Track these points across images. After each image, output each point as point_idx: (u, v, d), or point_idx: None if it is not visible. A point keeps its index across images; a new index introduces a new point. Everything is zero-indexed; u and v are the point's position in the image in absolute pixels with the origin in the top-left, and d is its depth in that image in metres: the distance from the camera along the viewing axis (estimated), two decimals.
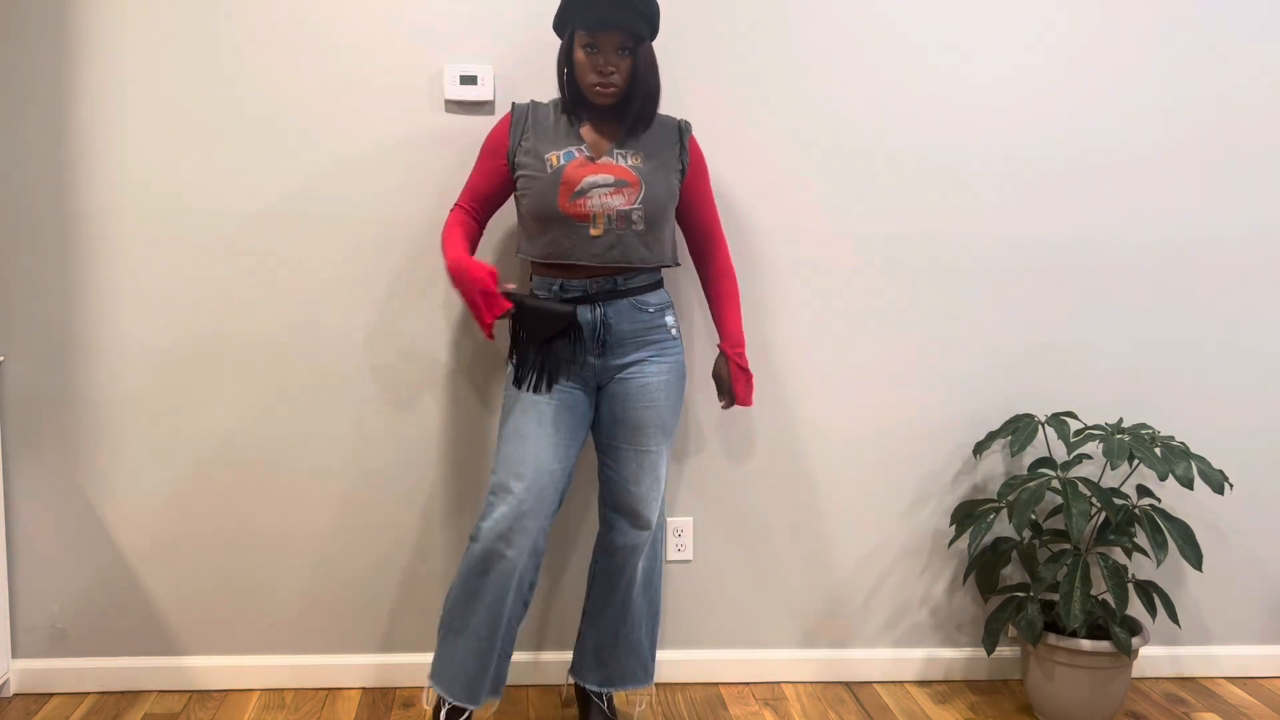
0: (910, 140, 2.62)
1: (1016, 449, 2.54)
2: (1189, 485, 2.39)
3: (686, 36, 2.54)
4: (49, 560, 2.57)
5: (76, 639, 2.60)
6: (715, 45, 2.55)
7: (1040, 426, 2.58)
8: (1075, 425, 2.70)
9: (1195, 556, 2.46)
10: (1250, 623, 2.83)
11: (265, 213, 2.51)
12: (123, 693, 2.60)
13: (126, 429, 2.54)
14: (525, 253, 2.27)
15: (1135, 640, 2.45)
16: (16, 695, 2.58)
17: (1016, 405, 2.71)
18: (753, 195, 2.60)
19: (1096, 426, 2.56)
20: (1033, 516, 2.50)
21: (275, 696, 2.61)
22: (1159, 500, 2.64)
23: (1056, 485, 2.50)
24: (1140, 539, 2.69)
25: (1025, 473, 2.63)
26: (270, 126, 2.49)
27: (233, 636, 2.63)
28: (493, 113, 2.51)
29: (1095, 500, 2.47)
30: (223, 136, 2.48)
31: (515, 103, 2.31)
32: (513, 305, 2.15)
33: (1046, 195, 2.66)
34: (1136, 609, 2.76)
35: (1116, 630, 2.42)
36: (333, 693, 2.63)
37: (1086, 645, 2.44)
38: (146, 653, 2.61)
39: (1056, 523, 2.70)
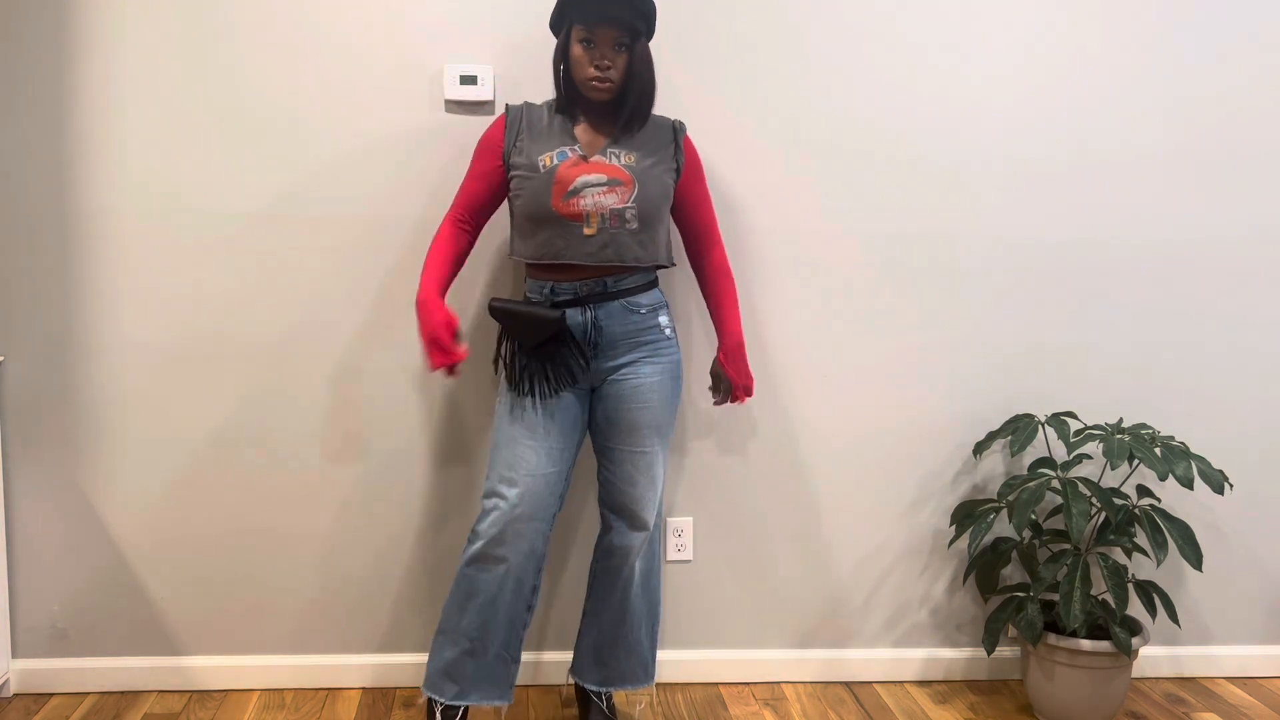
0: (910, 140, 2.62)
1: (1016, 449, 2.54)
2: (1189, 485, 2.39)
3: (685, 36, 2.54)
4: (49, 560, 2.57)
5: (76, 639, 2.60)
6: (715, 45, 2.55)
7: (1040, 426, 2.58)
8: (1075, 425, 2.70)
9: (1195, 556, 2.46)
10: (1250, 623, 2.83)
11: (265, 212, 2.51)
12: (123, 693, 2.61)
13: (126, 429, 2.54)
14: (519, 254, 2.27)
15: (1135, 640, 2.45)
16: (16, 695, 2.58)
17: (1016, 405, 2.71)
18: (753, 195, 2.60)
19: (1096, 426, 2.56)
20: (1033, 516, 2.50)
21: (275, 696, 2.61)
22: (1159, 500, 2.64)
23: (1056, 485, 2.50)
24: (1140, 539, 2.69)
25: (1025, 473, 2.63)
26: (270, 126, 2.49)
27: (233, 636, 2.63)
28: (493, 112, 2.51)
29: (1095, 500, 2.47)
30: (223, 136, 2.49)
31: (509, 104, 2.31)
32: (462, 358, 2.18)
33: (1046, 195, 2.66)
34: (1136, 609, 2.76)
35: (1116, 630, 2.42)
36: (333, 693, 2.63)
37: (1086, 645, 2.44)
38: (146, 653, 2.62)
39: (1056, 523, 2.70)
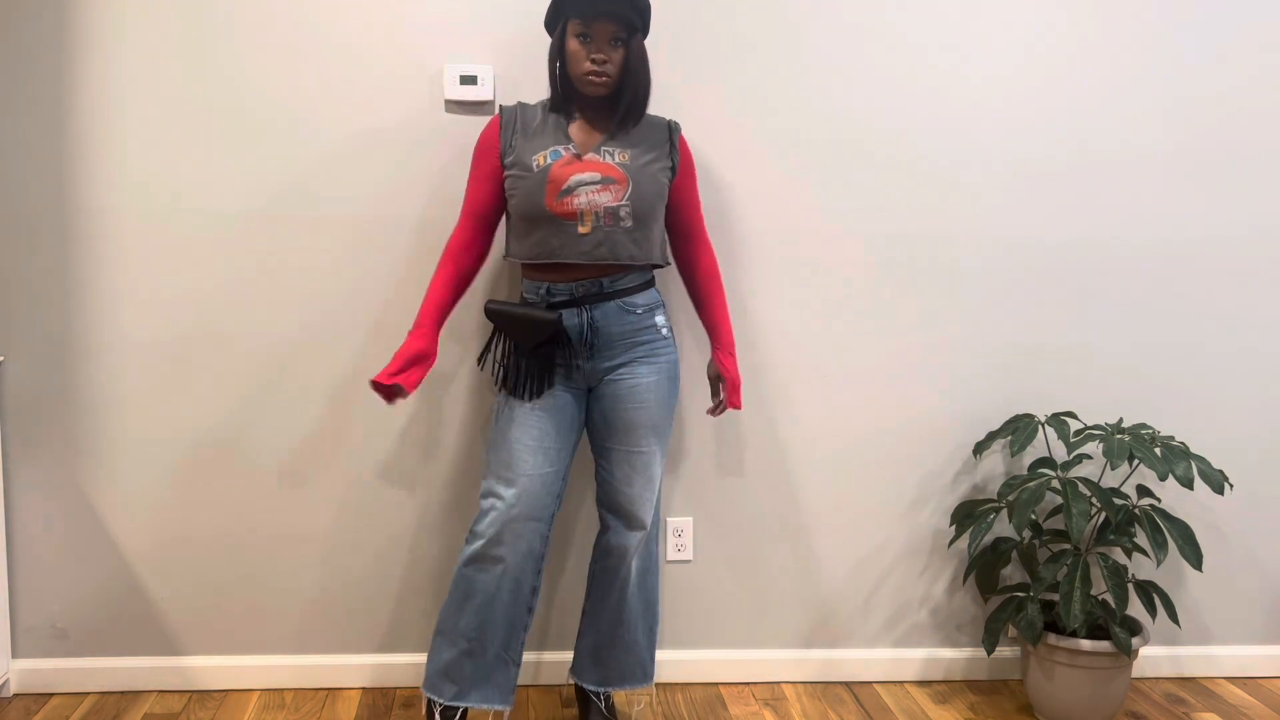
0: (910, 140, 2.62)
1: (1016, 449, 2.54)
2: (1189, 485, 2.39)
3: (685, 36, 2.54)
4: (49, 560, 2.57)
5: (76, 639, 2.60)
6: (714, 45, 2.55)
7: (1040, 426, 2.58)
8: (1075, 425, 2.70)
9: (1195, 556, 2.46)
10: (1250, 623, 2.83)
11: (266, 212, 2.51)
12: (123, 693, 2.61)
13: (126, 429, 2.54)
14: (514, 254, 2.27)
15: (1135, 640, 2.45)
16: (16, 695, 2.58)
17: (1016, 405, 2.71)
18: (752, 195, 2.60)
19: (1096, 426, 2.56)
20: (1033, 516, 2.50)
21: (275, 696, 2.61)
22: (1159, 500, 2.64)
23: (1056, 485, 2.50)
24: (1140, 539, 2.69)
25: (1025, 473, 2.63)
26: (270, 126, 2.49)
27: (233, 636, 2.63)
28: (493, 112, 2.51)
29: (1095, 500, 2.47)
30: (223, 136, 2.49)
31: (502, 105, 2.31)
32: (390, 397, 2.19)
33: (1046, 195, 2.66)
34: (1136, 609, 2.76)
35: (1116, 630, 2.42)
36: (333, 693, 2.63)
37: (1086, 645, 2.44)
38: (146, 653, 2.62)
39: (1056, 523, 2.70)
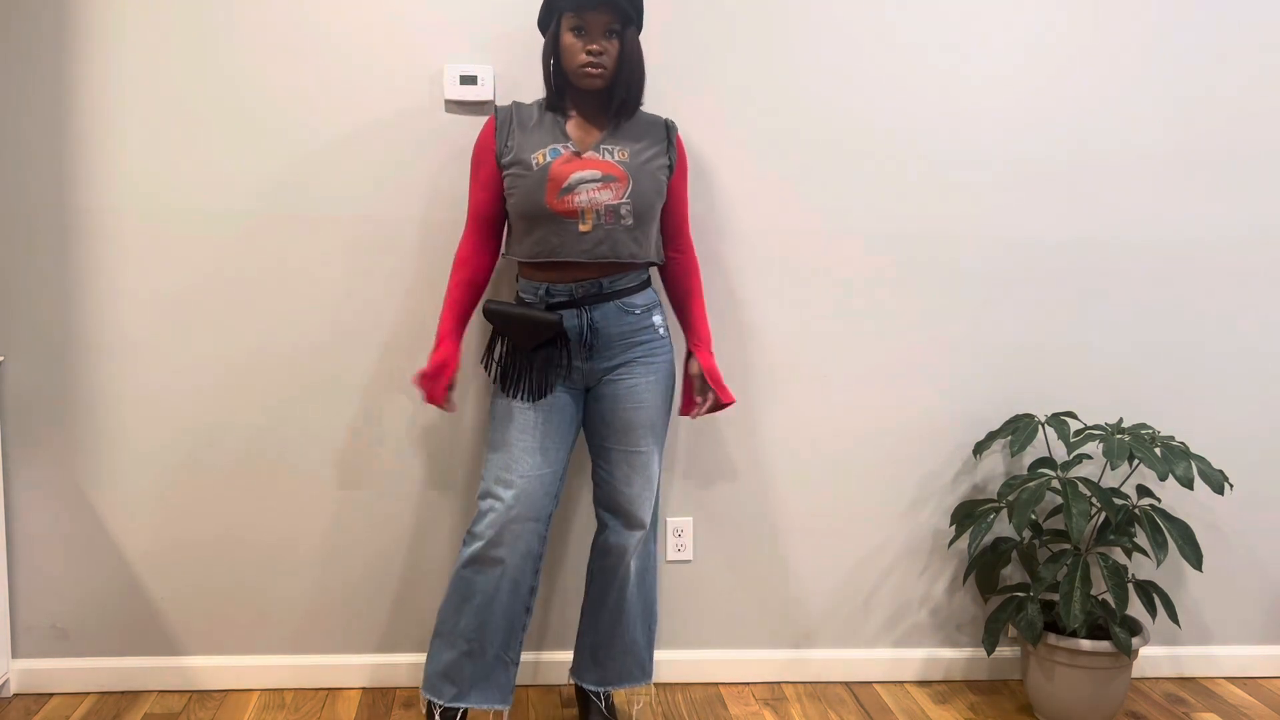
0: (910, 140, 2.62)
1: (1016, 449, 2.54)
2: (1189, 485, 2.39)
3: (683, 36, 2.54)
4: (49, 560, 2.57)
5: (76, 639, 2.60)
6: (712, 45, 2.55)
7: (1040, 426, 2.58)
8: (1075, 425, 2.70)
9: (1195, 556, 2.46)
10: (1250, 623, 2.83)
11: (266, 213, 2.51)
12: (123, 693, 2.60)
13: (126, 429, 2.54)
14: (513, 253, 2.27)
15: (1135, 640, 2.45)
16: (16, 695, 2.58)
17: (1016, 405, 2.71)
18: (752, 195, 2.60)
19: (1096, 426, 2.56)
20: (1033, 516, 2.50)
21: (275, 696, 2.61)
22: (1159, 500, 2.64)
23: (1056, 485, 2.50)
24: (1140, 539, 2.69)
25: (1025, 473, 2.63)
26: (270, 126, 2.49)
27: (233, 636, 2.63)
28: (492, 113, 2.50)
29: (1095, 500, 2.47)
30: (223, 136, 2.49)
31: (497, 105, 2.30)
32: (438, 403, 2.26)
33: (1046, 195, 2.66)
34: (1136, 609, 2.76)
35: (1116, 630, 2.42)
36: (333, 693, 2.63)
37: (1086, 645, 2.44)
38: (146, 653, 2.61)
39: (1056, 523, 2.70)
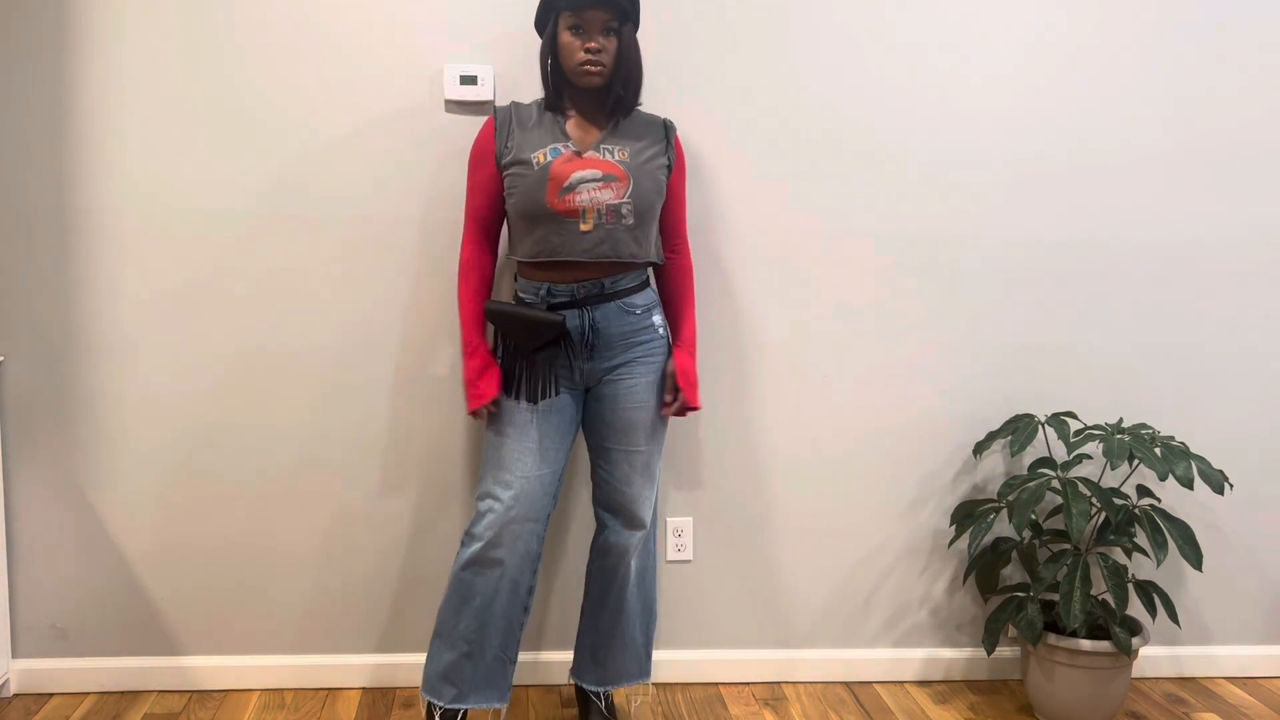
0: (910, 140, 2.62)
1: (1016, 449, 2.54)
2: (1189, 485, 2.39)
3: (683, 36, 2.54)
4: (49, 560, 2.57)
5: (76, 639, 2.60)
6: (712, 44, 2.55)
7: (1040, 426, 2.58)
8: (1075, 425, 2.70)
9: (1195, 556, 2.46)
10: (1250, 623, 2.83)
11: (266, 213, 2.51)
12: (123, 693, 2.60)
13: (126, 429, 2.54)
14: (513, 253, 2.27)
15: (1135, 640, 2.45)
16: (16, 695, 2.58)
17: (1016, 405, 2.71)
18: (751, 196, 2.60)
19: (1096, 426, 2.56)
20: (1033, 516, 2.50)
21: (275, 696, 2.61)
22: (1159, 500, 2.64)
23: (1056, 485, 2.50)
24: (1140, 539, 2.69)
25: (1025, 473, 2.63)
26: (270, 127, 2.49)
27: (233, 636, 2.63)
28: (492, 111, 2.50)
29: (1095, 500, 2.47)
30: (223, 136, 2.49)
31: (496, 106, 2.30)
32: (493, 404, 2.23)
33: (1046, 195, 2.66)
34: (1136, 609, 2.76)
35: (1116, 630, 2.42)
36: (333, 693, 2.63)
37: (1086, 645, 2.44)
38: (146, 653, 2.61)
39: (1056, 523, 2.70)
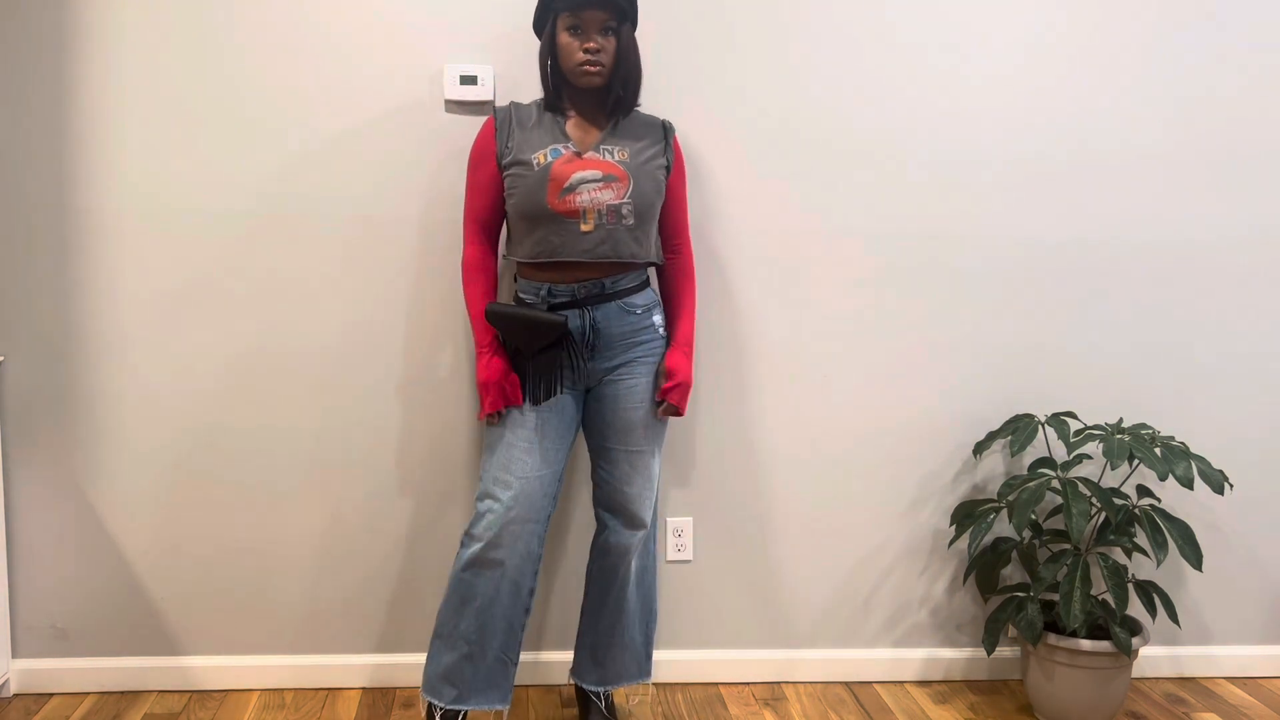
0: (910, 140, 2.62)
1: (1016, 449, 2.54)
2: (1189, 485, 2.39)
3: (682, 36, 2.54)
4: (49, 560, 2.57)
5: (76, 639, 2.60)
6: (711, 45, 2.55)
7: (1040, 426, 2.58)
8: (1075, 425, 2.70)
9: (1195, 556, 2.46)
10: (1250, 623, 2.83)
11: (266, 213, 2.51)
12: (123, 693, 2.60)
13: (126, 429, 2.54)
14: (512, 254, 2.27)
15: (1135, 640, 2.45)
16: (16, 695, 2.58)
17: (1016, 405, 2.71)
18: (751, 197, 2.60)
19: (1096, 426, 2.56)
20: (1033, 516, 2.50)
21: (275, 696, 2.61)
22: (1159, 500, 2.64)
23: (1056, 485, 2.50)
24: (1140, 539, 2.69)
25: (1025, 473, 2.63)
26: (270, 127, 2.49)
27: (233, 636, 2.63)
28: (492, 112, 2.50)
29: (1095, 500, 2.47)
30: (223, 136, 2.49)
31: (496, 106, 2.30)
32: (519, 403, 2.22)
33: (1046, 195, 2.66)
34: (1136, 609, 2.76)
35: (1116, 630, 2.42)
36: (333, 693, 2.63)
37: (1086, 645, 2.44)
38: (146, 653, 2.61)
39: (1056, 523, 2.70)
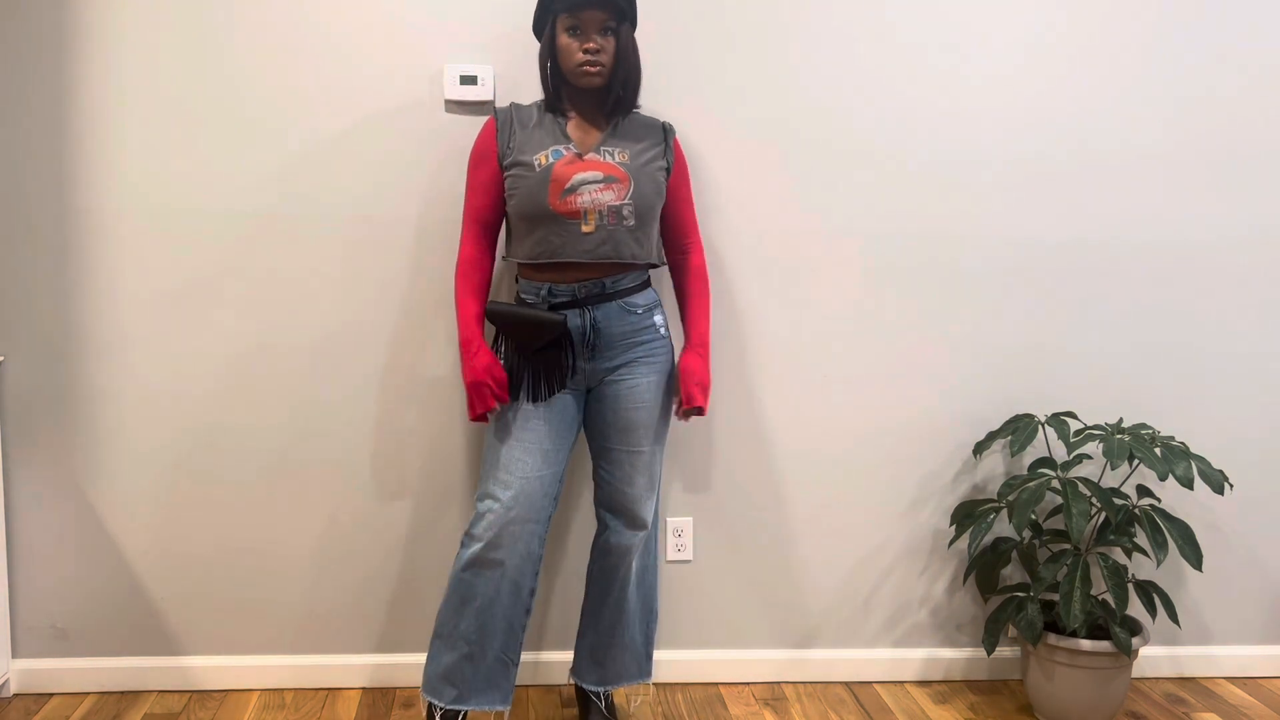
0: (910, 141, 2.62)
1: (1016, 449, 2.54)
2: (1189, 485, 2.39)
3: (681, 36, 2.54)
4: (49, 560, 2.57)
5: (76, 639, 2.60)
6: (711, 45, 2.55)
7: (1040, 426, 2.58)
8: (1075, 425, 2.70)
9: (1195, 556, 2.46)
10: (1250, 623, 2.83)
11: (266, 213, 2.51)
12: (123, 693, 2.61)
13: (126, 429, 2.54)
14: (513, 254, 2.26)
15: (1135, 640, 2.45)
16: (16, 695, 2.58)
17: (1016, 405, 2.71)
18: (751, 197, 2.60)
19: (1096, 426, 2.56)
20: (1033, 516, 2.50)
21: (275, 696, 2.61)
22: (1159, 500, 2.64)
23: (1056, 485, 2.50)
24: (1140, 539, 2.69)
25: (1025, 473, 2.63)
26: (271, 127, 2.49)
27: (233, 636, 2.63)
28: (492, 113, 2.50)
29: (1095, 500, 2.47)
30: (223, 136, 2.49)
31: (497, 107, 2.30)
32: (506, 402, 2.22)
33: (1046, 195, 2.66)
34: (1136, 609, 2.76)
35: (1116, 630, 2.42)
36: (333, 693, 2.63)
37: (1086, 645, 2.44)
38: (146, 653, 2.61)
39: (1056, 523, 2.70)
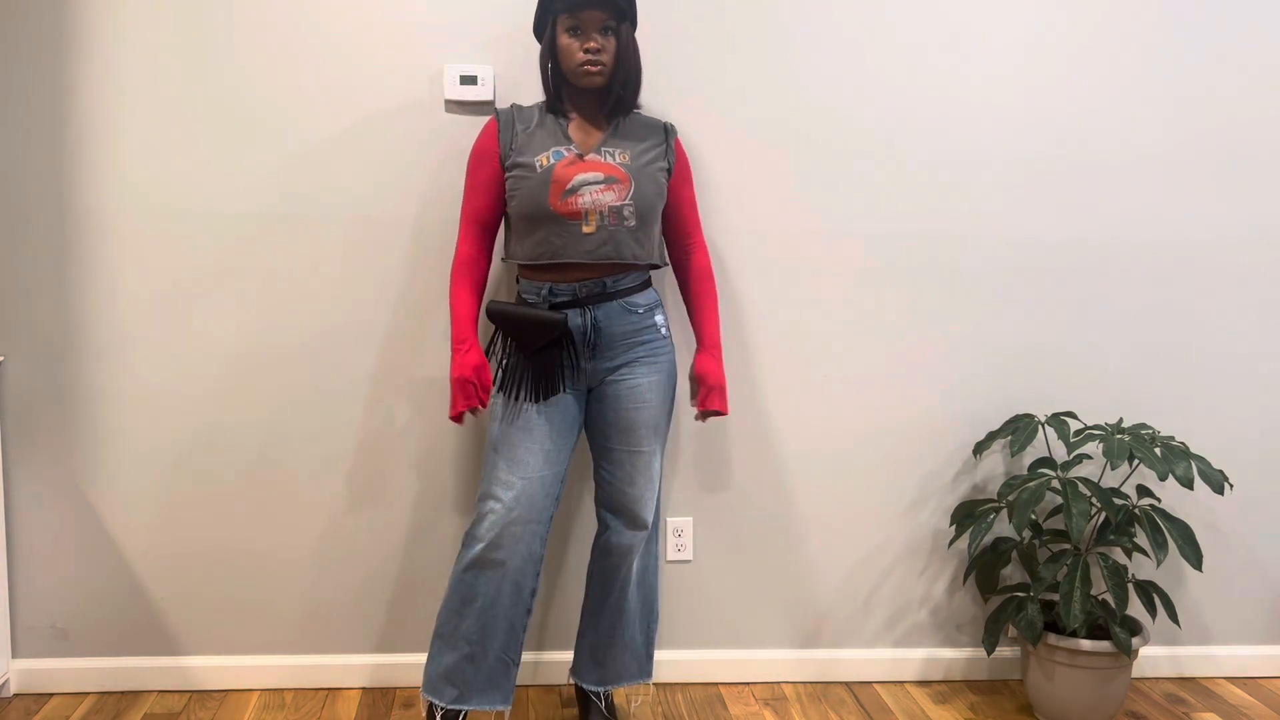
0: (910, 141, 2.62)
1: (1016, 449, 2.54)
2: (1189, 485, 2.39)
3: (682, 37, 2.54)
4: (49, 560, 2.57)
5: (76, 639, 2.60)
6: (711, 45, 2.55)
7: (1040, 426, 2.58)
8: (1075, 425, 2.70)
9: (1195, 556, 2.46)
10: (1250, 623, 2.83)
11: (266, 213, 2.51)
12: (123, 693, 2.61)
13: (126, 429, 2.54)
14: (513, 255, 2.27)
15: (1135, 640, 2.45)
16: (16, 695, 2.58)
17: (1016, 405, 2.71)
18: (751, 197, 2.60)
19: (1096, 426, 2.56)
20: (1033, 516, 2.50)
21: (275, 696, 2.61)
22: (1159, 500, 2.64)
23: (1056, 485, 2.50)
24: (1140, 539, 2.69)
25: (1025, 473, 2.63)
26: (270, 127, 2.49)
27: (233, 636, 2.63)
28: (493, 113, 2.50)
29: (1095, 500, 2.47)
30: (222, 137, 2.49)
31: (498, 108, 2.31)
32: (484, 407, 2.22)
33: (1046, 195, 2.66)
34: (1136, 609, 2.76)
35: (1116, 630, 2.42)
36: (333, 693, 2.63)
37: (1086, 645, 2.44)
38: (146, 653, 2.61)
39: (1056, 523, 2.70)
